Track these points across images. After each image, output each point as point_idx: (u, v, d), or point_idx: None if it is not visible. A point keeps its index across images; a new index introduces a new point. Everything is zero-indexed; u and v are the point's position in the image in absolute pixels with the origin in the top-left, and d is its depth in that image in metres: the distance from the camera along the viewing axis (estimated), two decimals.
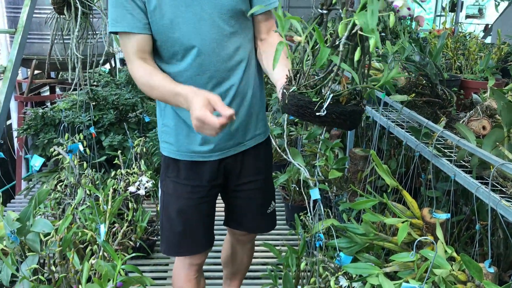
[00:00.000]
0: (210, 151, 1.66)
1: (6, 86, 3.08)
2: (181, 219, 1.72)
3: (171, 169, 1.72)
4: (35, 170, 2.01)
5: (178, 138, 1.66)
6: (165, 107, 1.67)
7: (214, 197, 1.79)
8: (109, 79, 4.37)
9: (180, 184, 1.70)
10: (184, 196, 1.70)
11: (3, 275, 1.95)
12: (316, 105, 1.13)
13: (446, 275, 1.36)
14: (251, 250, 2.10)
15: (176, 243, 1.77)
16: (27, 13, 3.36)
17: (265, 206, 1.89)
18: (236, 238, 2.02)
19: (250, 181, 1.80)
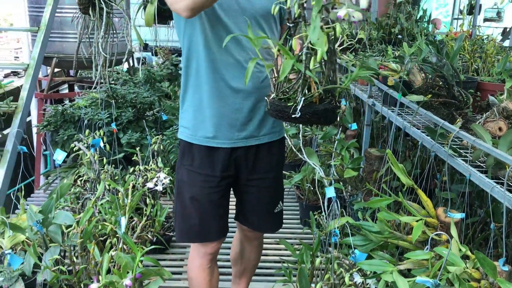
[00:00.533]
0: (222, 137, 1.74)
1: (29, 82, 3.16)
2: (194, 206, 1.79)
3: (186, 157, 1.80)
4: (57, 164, 2.07)
5: (194, 123, 1.75)
6: (186, 97, 1.77)
7: (226, 188, 1.84)
8: (128, 77, 4.44)
9: (193, 172, 1.78)
10: (196, 184, 1.78)
11: (26, 266, 2.02)
12: (291, 109, 1.27)
13: (460, 273, 1.38)
14: (258, 248, 2.13)
15: (188, 230, 1.84)
16: (50, 12, 3.44)
17: (273, 205, 1.94)
18: (244, 234, 2.06)
19: (260, 178, 1.86)
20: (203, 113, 1.73)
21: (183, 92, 1.79)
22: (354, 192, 2.67)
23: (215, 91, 1.70)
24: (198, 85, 1.73)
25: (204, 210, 1.80)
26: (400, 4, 4.80)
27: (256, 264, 2.19)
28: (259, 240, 2.11)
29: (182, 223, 1.85)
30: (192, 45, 1.71)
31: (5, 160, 2.83)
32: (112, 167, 2.73)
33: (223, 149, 1.76)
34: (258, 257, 2.17)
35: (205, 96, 1.72)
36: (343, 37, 3.69)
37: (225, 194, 1.85)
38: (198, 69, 1.72)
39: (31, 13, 5.00)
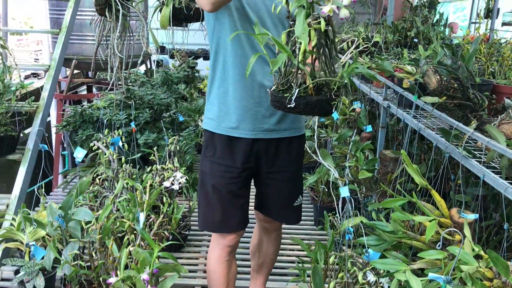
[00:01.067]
0: (244, 128, 1.83)
1: (50, 83, 3.23)
2: (215, 196, 1.88)
3: (209, 149, 1.90)
4: (77, 161, 2.13)
5: (219, 115, 1.85)
6: (212, 90, 1.88)
7: (246, 180, 1.91)
8: (145, 79, 4.51)
9: (215, 163, 1.87)
10: (218, 174, 1.87)
11: (46, 260, 2.07)
12: (287, 99, 1.39)
13: (473, 272, 1.39)
14: (276, 241, 2.18)
15: (210, 219, 1.92)
16: (71, 14, 3.52)
17: (293, 198, 2.00)
18: (263, 226, 2.12)
19: (280, 171, 1.93)
20: (227, 105, 1.83)
21: (210, 85, 1.89)
22: (368, 193, 2.68)
23: (240, 85, 1.80)
24: (225, 79, 1.83)
25: (224, 200, 1.88)
26: (417, 8, 4.80)
27: (274, 259, 2.23)
28: (277, 232, 2.15)
29: (205, 212, 1.94)
30: (220, 41, 1.81)
31: (26, 158, 2.90)
32: (130, 166, 2.79)
33: (245, 140, 1.84)
34: (276, 252, 2.21)
35: (231, 89, 1.82)
36: (359, 40, 3.71)
37: (245, 185, 1.92)
38: (224, 64, 1.82)
39: (52, 15, 5.10)
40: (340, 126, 3.43)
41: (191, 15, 2.83)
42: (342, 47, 3.83)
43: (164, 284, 1.79)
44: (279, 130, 1.88)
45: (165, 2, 2.74)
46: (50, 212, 2.15)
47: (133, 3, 3.22)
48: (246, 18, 1.76)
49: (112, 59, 2.89)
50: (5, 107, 2.82)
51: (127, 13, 3.14)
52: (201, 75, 5.70)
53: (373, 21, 5.15)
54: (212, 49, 1.86)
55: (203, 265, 2.78)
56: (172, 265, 1.80)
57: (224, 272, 1.98)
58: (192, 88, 5.23)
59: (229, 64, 1.81)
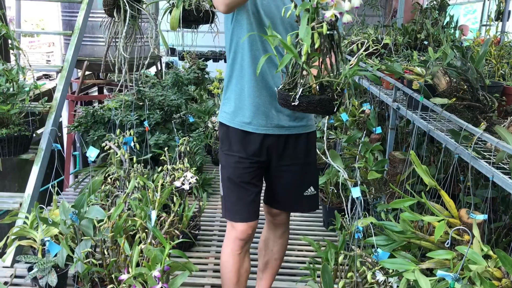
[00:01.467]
0: (256, 124, 1.95)
1: (63, 84, 3.28)
2: (230, 186, 2.01)
3: (224, 143, 2.03)
4: (90, 160, 2.16)
5: (234, 110, 1.98)
6: (229, 86, 2.00)
7: (257, 171, 2.01)
8: (156, 81, 4.55)
9: (229, 155, 2.00)
10: (231, 165, 1.99)
11: (59, 257, 2.11)
12: (291, 98, 1.48)
13: (481, 271, 1.40)
14: (281, 239, 2.22)
15: (227, 207, 2.04)
16: (83, 16, 3.57)
17: (303, 188, 2.08)
18: (270, 220, 2.19)
19: (289, 164, 2.03)
20: (243, 101, 1.95)
21: (227, 81, 2.01)
22: (377, 195, 2.69)
23: (254, 83, 1.92)
24: (242, 77, 1.95)
25: (237, 190, 1.99)
26: (427, 10, 4.80)
27: (279, 260, 2.25)
28: (282, 229, 2.20)
29: (227, 203, 2.05)
30: (239, 41, 1.93)
31: (39, 157, 2.95)
32: (141, 166, 2.82)
33: (257, 135, 1.96)
34: (280, 252, 2.24)
35: (246, 86, 1.93)
36: (369, 42, 3.72)
37: (257, 176, 2.01)
38: (242, 63, 1.94)
39: (64, 17, 5.17)
40: (350, 128, 3.44)
41: (201, 17, 2.87)
42: (352, 49, 3.85)
43: (175, 281, 1.81)
44: (288, 127, 1.99)
45: (175, 4, 2.77)
46: (63, 211, 2.18)
47: (143, 5, 3.26)
48: (261, 22, 1.87)
49: (120, 60, 2.93)
50: (19, 107, 2.86)
51: (137, 15, 3.17)
52: (210, 76, 5.73)
53: (383, 23, 5.16)
54: (232, 49, 1.97)
55: (213, 264, 2.80)
56: (183, 263, 1.82)
57: (235, 267, 2.04)
58: (202, 89, 5.27)
59: (246, 63, 1.92)
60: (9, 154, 2.88)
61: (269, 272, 2.28)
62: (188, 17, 2.94)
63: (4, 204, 2.89)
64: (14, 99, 2.85)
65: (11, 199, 2.90)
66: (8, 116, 2.83)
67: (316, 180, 2.14)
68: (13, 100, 2.84)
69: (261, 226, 2.25)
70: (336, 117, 3.56)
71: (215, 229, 3.27)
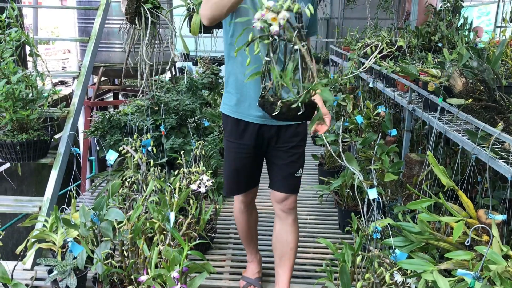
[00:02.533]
0: (251, 115, 2.19)
1: (80, 89, 3.33)
2: (232, 168, 2.31)
3: (226, 131, 2.30)
4: (109, 163, 2.19)
5: (236, 102, 2.21)
6: (229, 81, 2.23)
7: (256, 156, 2.29)
8: (171, 86, 4.59)
9: (232, 142, 2.27)
10: (233, 151, 2.28)
11: (79, 260, 2.13)
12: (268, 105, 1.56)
13: (501, 271, 1.40)
14: (293, 227, 2.35)
15: (229, 185, 2.38)
16: (99, 22, 3.62)
17: (294, 167, 2.29)
18: (280, 209, 2.35)
19: (282, 146, 2.25)
20: (243, 95, 2.18)
21: (228, 76, 2.25)
22: (393, 196, 2.69)
23: (252, 81, 2.06)
24: (237, 74, 2.18)
25: (239, 171, 2.30)
26: (440, 12, 4.79)
27: (294, 249, 2.36)
28: (292, 217, 2.34)
29: (228, 182, 2.38)
30: (232, 42, 2.14)
31: (58, 161, 3.00)
32: (158, 169, 2.85)
33: (253, 124, 2.20)
34: (294, 241, 2.35)
35: (243, 83, 2.16)
36: (383, 45, 3.72)
37: (255, 160, 2.31)
38: (242, 61, 2.14)
39: (80, 24, 5.24)
40: (365, 130, 3.44)
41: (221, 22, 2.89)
42: (366, 51, 3.85)
43: (193, 282, 1.83)
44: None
45: (195, 9, 2.81)
46: (82, 213, 2.22)
47: (162, 12, 3.30)
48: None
49: (142, 66, 2.97)
50: (38, 113, 2.91)
51: (156, 21, 3.22)
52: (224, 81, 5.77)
53: (396, 26, 5.16)
54: (228, 44, 2.17)
55: (229, 267, 2.82)
56: (201, 264, 1.84)
57: (245, 219, 2.50)
58: (216, 94, 5.30)
59: (238, 63, 2.16)
60: (28, 159, 2.93)
61: (287, 265, 2.37)
62: None
63: (24, 208, 2.94)
64: (33, 104, 2.90)
65: (30, 203, 2.95)
66: (27, 121, 2.88)
67: (302, 164, 2.33)
68: (32, 105, 2.89)
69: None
70: (351, 120, 3.56)
71: (231, 232, 3.29)
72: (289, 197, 2.30)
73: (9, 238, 5.23)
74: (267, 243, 3.03)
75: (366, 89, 4.16)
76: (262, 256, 2.76)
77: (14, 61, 2.87)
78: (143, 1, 2.98)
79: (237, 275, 2.73)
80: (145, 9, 2.94)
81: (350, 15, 7.64)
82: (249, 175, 2.35)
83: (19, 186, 5.29)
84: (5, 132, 2.85)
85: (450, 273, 1.71)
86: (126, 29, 3.13)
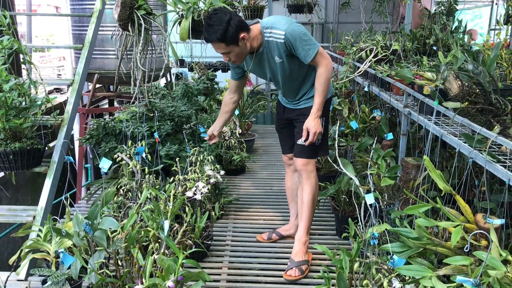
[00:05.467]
0: (282, 100, 3.02)
1: (74, 97, 3.31)
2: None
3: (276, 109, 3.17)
4: (103, 171, 2.17)
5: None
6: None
7: (288, 127, 3.02)
8: (166, 92, 4.57)
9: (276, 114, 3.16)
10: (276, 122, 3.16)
11: (73, 269, 2.10)
12: None
13: (501, 277, 1.38)
14: (305, 185, 2.89)
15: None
16: (93, 30, 3.60)
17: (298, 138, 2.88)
18: (295, 167, 2.99)
19: (297, 118, 2.89)
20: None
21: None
22: (390, 201, 2.67)
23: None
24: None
25: (281, 136, 3.12)
26: (435, 16, 4.79)
27: (305, 205, 2.89)
28: (304, 175, 2.88)
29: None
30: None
31: (51, 170, 2.96)
32: (153, 177, 2.82)
33: (282, 105, 3.03)
34: (306, 197, 2.88)
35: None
36: (377, 49, 3.71)
37: (288, 130, 3.02)
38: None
39: (75, 31, 5.23)
40: (360, 135, 3.42)
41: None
42: (361, 55, 3.84)
43: None
44: (296, 103, 2.92)
45: (184, 15, 2.79)
46: (76, 223, 2.19)
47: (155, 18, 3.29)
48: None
49: (135, 73, 2.95)
50: (31, 121, 2.88)
51: (149, 27, 3.20)
52: (220, 87, 5.75)
53: (390, 30, 5.16)
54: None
55: (226, 274, 2.79)
56: (196, 272, 1.81)
57: (287, 179, 3.23)
58: (212, 99, 5.28)
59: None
60: (22, 168, 2.90)
61: (303, 217, 2.91)
62: (197, 28, 2.96)
63: (17, 217, 2.91)
64: (26, 112, 2.88)
65: (24, 212, 2.92)
66: (20, 130, 2.85)
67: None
68: (25, 114, 2.87)
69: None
70: (347, 124, 3.54)
71: (227, 239, 3.26)
72: (296, 159, 2.90)
73: (5, 247, 5.18)
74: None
75: (362, 93, 4.15)
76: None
77: (7, 69, 2.85)
78: (136, 7, 2.96)
79: (234, 283, 2.70)
80: (138, 16, 2.92)
81: (345, 20, 7.65)
82: (287, 141, 3.09)
83: (14, 194, 5.25)
84: None
85: (449, 279, 1.69)
86: (119, 35, 3.11)
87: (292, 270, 2.74)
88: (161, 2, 5.01)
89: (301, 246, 2.86)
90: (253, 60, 2.74)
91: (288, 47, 2.61)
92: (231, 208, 3.78)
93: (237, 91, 3.05)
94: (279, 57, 2.68)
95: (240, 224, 3.51)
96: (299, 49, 2.60)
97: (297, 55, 2.64)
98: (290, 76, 2.79)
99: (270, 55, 2.71)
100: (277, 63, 2.72)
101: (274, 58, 2.70)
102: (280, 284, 2.71)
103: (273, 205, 3.86)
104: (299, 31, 2.58)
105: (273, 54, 2.69)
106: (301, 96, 2.90)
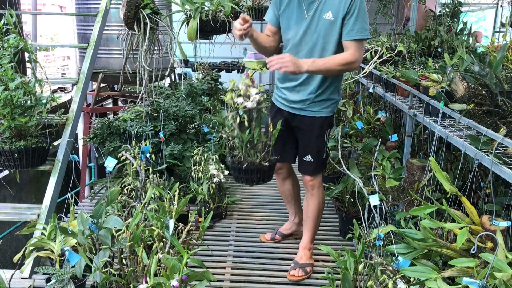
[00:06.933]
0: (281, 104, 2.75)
1: (79, 95, 3.31)
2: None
3: (271, 113, 2.77)
4: (108, 170, 2.17)
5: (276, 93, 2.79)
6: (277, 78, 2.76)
7: (289, 133, 2.76)
8: (170, 92, 4.58)
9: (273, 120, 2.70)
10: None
11: (77, 268, 2.10)
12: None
13: (507, 279, 1.37)
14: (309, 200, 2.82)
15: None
16: (98, 29, 3.61)
17: (302, 153, 2.74)
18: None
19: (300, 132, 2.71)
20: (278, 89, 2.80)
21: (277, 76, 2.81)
22: (395, 202, 2.66)
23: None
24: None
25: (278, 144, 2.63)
26: (440, 17, 4.78)
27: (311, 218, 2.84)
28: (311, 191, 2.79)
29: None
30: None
31: (56, 169, 2.97)
32: (157, 177, 2.82)
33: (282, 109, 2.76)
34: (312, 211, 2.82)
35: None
36: (382, 50, 3.71)
37: (289, 137, 2.77)
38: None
39: (80, 31, 5.23)
40: (365, 136, 3.42)
41: (218, 27, 2.88)
42: (365, 56, 3.84)
43: None
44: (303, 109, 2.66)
45: (192, 15, 2.79)
46: (80, 221, 2.19)
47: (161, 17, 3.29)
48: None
49: (141, 72, 2.95)
50: (36, 120, 2.88)
51: (156, 27, 3.20)
52: (224, 87, 5.76)
53: (395, 31, 5.15)
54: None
55: (230, 274, 2.79)
56: (201, 272, 1.81)
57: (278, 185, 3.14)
58: (215, 100, 5.28)
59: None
60: (27, 166, 2.90)
61: (307, 228, 2.88)
62: (205, 28, 2.96)
63: (22, 216, 2.91)
64: (31, 111, 2.88)
65: (29, 210, 2.93)
66: (25, 128, 2.86)
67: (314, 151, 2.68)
68: (30, 112, 2.87)
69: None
70: (351, 125, 3.54)
71: (231, 239, 3.26)
72: (303, 176, 2.80)
73: (8, 245, 5.20)
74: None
75: (366, 94, 4.14)
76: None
77: (12, 67, 2.85)
78: (142, 6, 2.96)
79: (237, 283, 2.70)
80: (144, 15, 2.92)
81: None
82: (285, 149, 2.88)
83: (18, 193, 5.27)
84: (3, 139, 2.82)
85: (454, 281, 1.68)
86: (125, 35, 3.11)
87: (296, 270, 2.73)
88: (167, 1, 5.01)
89: (305, 251, 2.87)
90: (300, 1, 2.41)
91: (349, 9, 2.31)
92: (234, 208, 3.78)
93: (274, 37, 2.69)
94: (334, 15, 2.34)
95: (243, 224, 3.51)
96: (353, 19, 2.32)
97: (346, 23, 2.34)
98: (322, 48, 2.43)
99: (323, 7, 2.37)
100: (325, 20, 2.36)
101: (325, 14, 2.36)
102: (284, 284, 2.71)
103: (276, 206, 3.86)
104: (365, 8, 2.35)
105: (328, 8, 2.36)
106: (315, 91, 2.56)
